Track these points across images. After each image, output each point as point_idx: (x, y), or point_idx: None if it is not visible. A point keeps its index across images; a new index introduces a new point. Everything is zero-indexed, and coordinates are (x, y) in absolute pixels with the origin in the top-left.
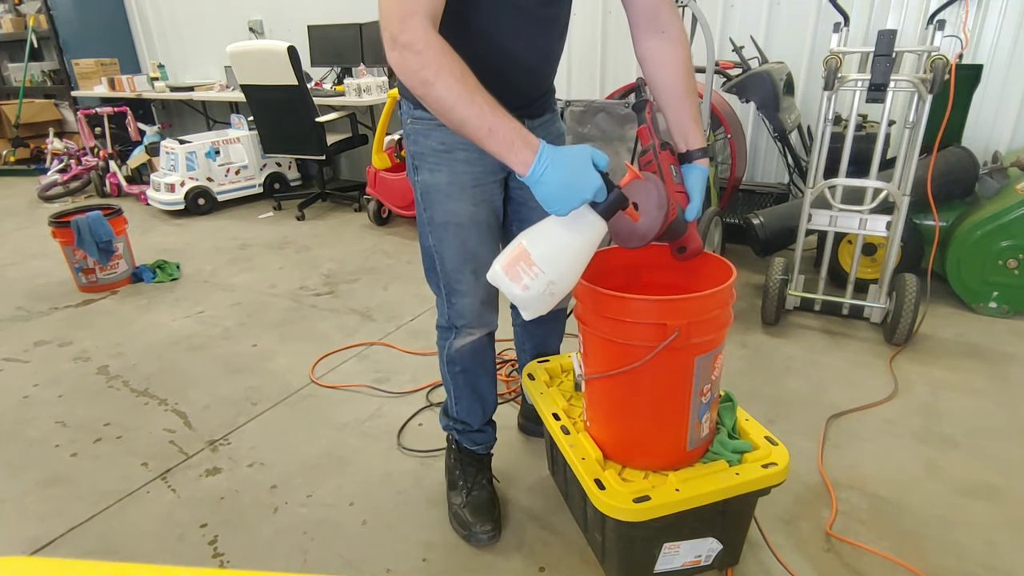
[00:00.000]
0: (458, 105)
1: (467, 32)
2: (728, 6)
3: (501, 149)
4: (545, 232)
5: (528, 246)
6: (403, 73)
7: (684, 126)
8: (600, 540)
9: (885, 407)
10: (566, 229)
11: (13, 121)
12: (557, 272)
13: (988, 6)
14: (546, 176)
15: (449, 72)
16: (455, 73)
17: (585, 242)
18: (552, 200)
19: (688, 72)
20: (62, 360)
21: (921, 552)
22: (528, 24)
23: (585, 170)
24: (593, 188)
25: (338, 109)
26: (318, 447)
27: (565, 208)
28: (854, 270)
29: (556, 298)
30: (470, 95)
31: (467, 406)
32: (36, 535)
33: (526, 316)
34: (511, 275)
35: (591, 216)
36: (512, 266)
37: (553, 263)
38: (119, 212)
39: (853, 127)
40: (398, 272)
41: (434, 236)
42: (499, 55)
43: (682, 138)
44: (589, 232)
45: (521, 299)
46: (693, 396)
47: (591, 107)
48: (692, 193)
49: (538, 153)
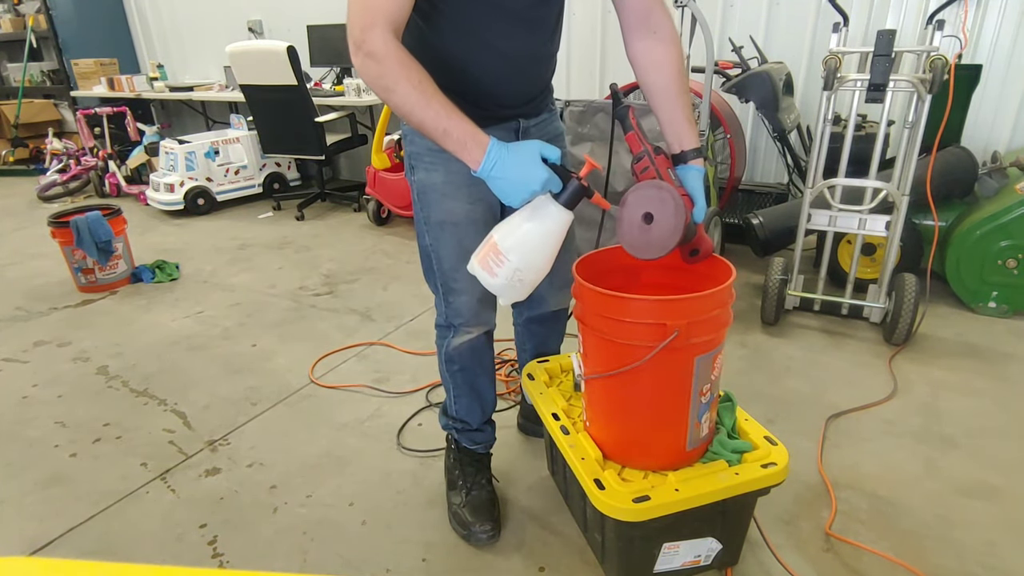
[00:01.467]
0: (415, 110)
1: (458, 36)
2: (728, 6)
3: (455, 148)
4: (512, 225)
5: (498, 239)
6: (365, 78)
7: (678, 127)
8: (600, 540)
9: (885, 407)
10: (529, 220)
11: (12, 121)
12: (523, 260)
13: (987, 6)
14: (495, 171)
15: (407, 80)
16: (412, 80)
17: (547, 231)
18: (504, 193)
19: (681, 72)
20: (62, 360)
21: (921, 552)
22: (518, 26)
23: (531, 164)
24: (540, 180)
25: (337, 109)
26: (318, 447)
27: (517, 200)
28: (853, 270)
29: (526, 284)
30: (426, 101)
31: (466, 405)
32: (36, 535)
33: (502, 302)
34: (484, 266)
35: (552, 207)
36: (485, 258)
37: (518, 251)
38: (118, 212)
39: (852, 127)
40: (398, 272)
41: (431, 235)
42: (491, 58)
43: (676, 139)
44: (550, 222)
45: (493, 286)
46: (693, 396)
47: (591, 107)
48: (694, 195)
49: (487, 151)
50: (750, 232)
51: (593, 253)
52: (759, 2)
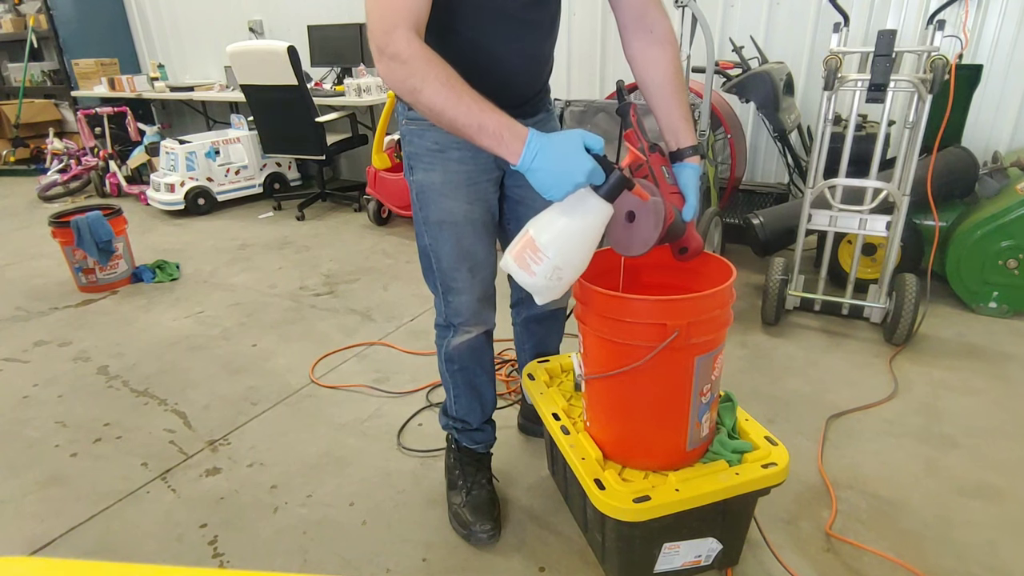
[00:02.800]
0: (447, 108)
1: (453, 38)
2: (728, 6)
3: (492, 143)
4: (550, 219)
5: (534, 234)
6: (391, 82)
7: (674, 124)
8: (600, 540)
9: (885, 407)
10: (569, 215)
11: (13, 121)
12: (562, 257)
13: (988, 6)
14: (536, 163)
15: (435, 78)
16: (441, 78)
17: (588, 226)
18: (546, 186)
19: (677, 71)
20: (62, 360)
21: (921, 552)
22: (514, 27)
23: (575, 154)
24: (585, 171)
25: (338, 109)
26: (318, 447)
27: (559, 193)
28: (854, 270)
29: (564, 283)
30: (457, 97)
31: (466, 404)
32: (36, 535)
33: (539, 301)
34: (520, 263)
35: (592, 200)
36: (520, 254)
37: (557, 248)
38: (119, 212)
39: (853, 127)
40: (398, 272)
41: (430, 235)
42: (487, 59)
43: (672, 137)
44: (592, 217)
45: (531, 285)
46: (693, 396)
47: (591, 107)
48: (687, 192)
49: (527, 142)
50: (750, 232)
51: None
52: (760, 2)
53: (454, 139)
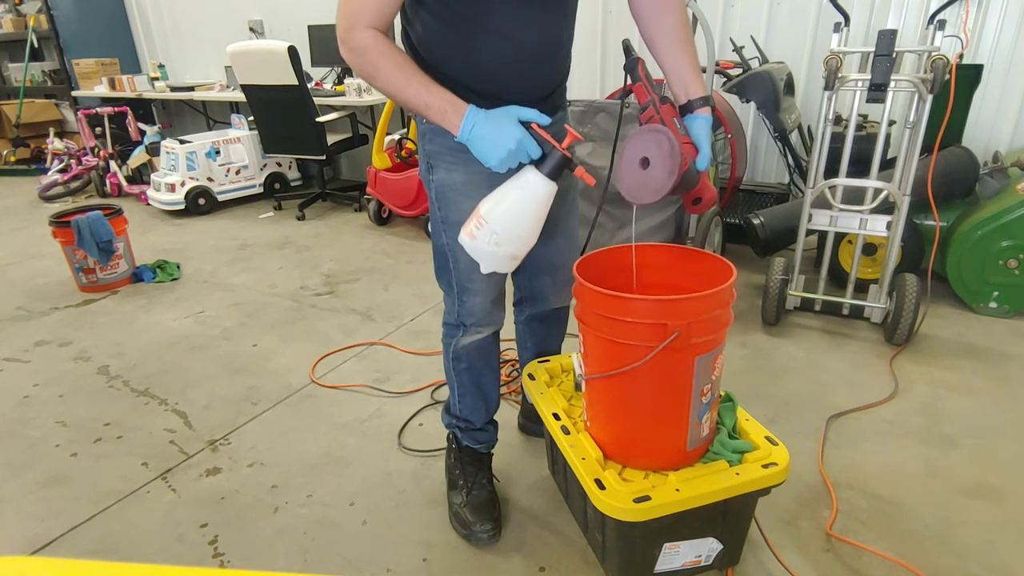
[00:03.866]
0: (399, 90)
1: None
2: (728, 6)
3: (438, 118)
4: (495, 193)
5: (480, 204)
6: (353, 68)
7: (683, 75)
8: (600, 540)
9: (885, 407)
10: (509, 186)
11: (13, 121)
12: (499, 224)
13: (988, 6)
14: (474, 133)
15: (388, 65)
16: (394, 62)
17: (527, 197)
18: (482, 154)
19: (683, 21)
20: (62, 360)
21: (921, 552)
22: (529, 7)
23: (506, 123)
24: (514, 139)
25: (338, 109)
26: (318, 447)
27: (494, 160)
28: (854, 270)
29: (504, 251)
30: (406, 80)
31: (470, 404)
32: (36, 535)
33: (483, 269)
34: (467, 232)
35: (531, 175)
36: (468, 224)
37: (495, 215)
38: (119, 212)
39: (853, 127)
40: (398, 272)
41: (448, 235)
42: (502, 45)
43: (682, 88)
44: (530, 188)
45: (473, 250)
46: (693, 396)
47: (591, 107)
48: (699, 143)
49: (465, 116)
50: (751, 232)
51: (593, 253)
52: (760, 2)
53: None
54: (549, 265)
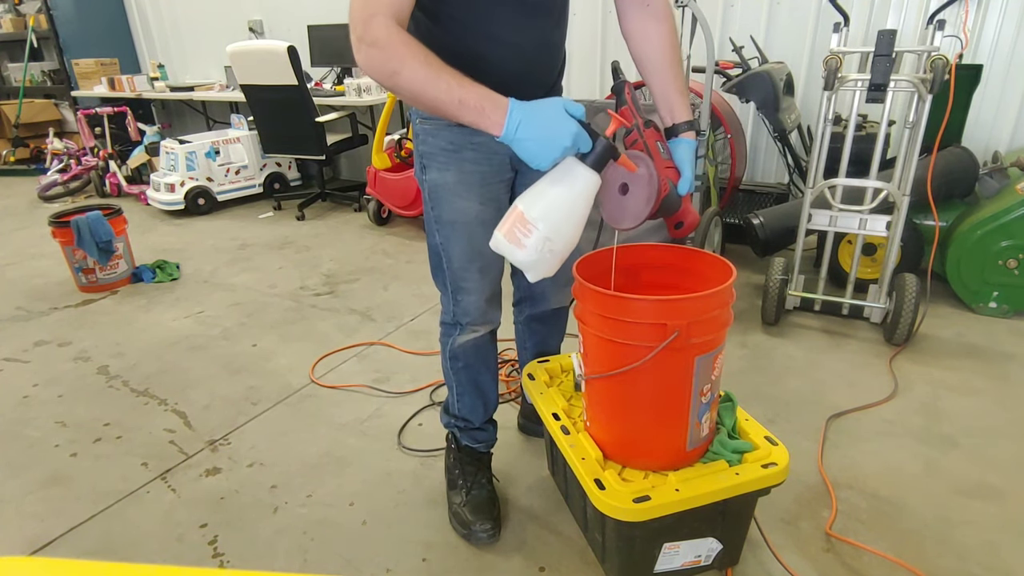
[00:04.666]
0: (427, 86)
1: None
2: (728, 6)
3: (474, 117)
4: (538, 191)
5: (524, 208)
6: (370, 69)
7: (670, 99)
8: (600, 540)
9: (885, 407)
10: (556, 184)
11: (13, 121)
12: (552, 227)
13: (988, 6)
14: (520, 132)
15: (413, 58)
16: (419, 58)
17: (576, 195)
18: (532, 155)
19: (673, 45)
20: (62, 360)
21: (921, 552)
22: (524, 14)
23: (559, 118)
24: (570, 134)
25: (338, 109)
26: (318, 447)
27: (547, 161)
28: (854, 270)
29: (556, 255)
30: (436, 74)
31: (469, 403)
32: (36, 535)
33: (531, 278)
34: (511, 239)
35: (579, 168)
36: (511, 230)
37: (547, 219)
38: (119, 212)
39: (853, 127)
40: (398, 272)
41: (441, 234)
42: (501, 49)
43: (668, 111)
44: (580, 185)
45: (523, 261)
46: (693, 396)
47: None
48: (682, 167)
49: (508, 112)
50: (751, 232)
51: (593, 253)
52: (760, 2)
53: (469, 139)
54: None
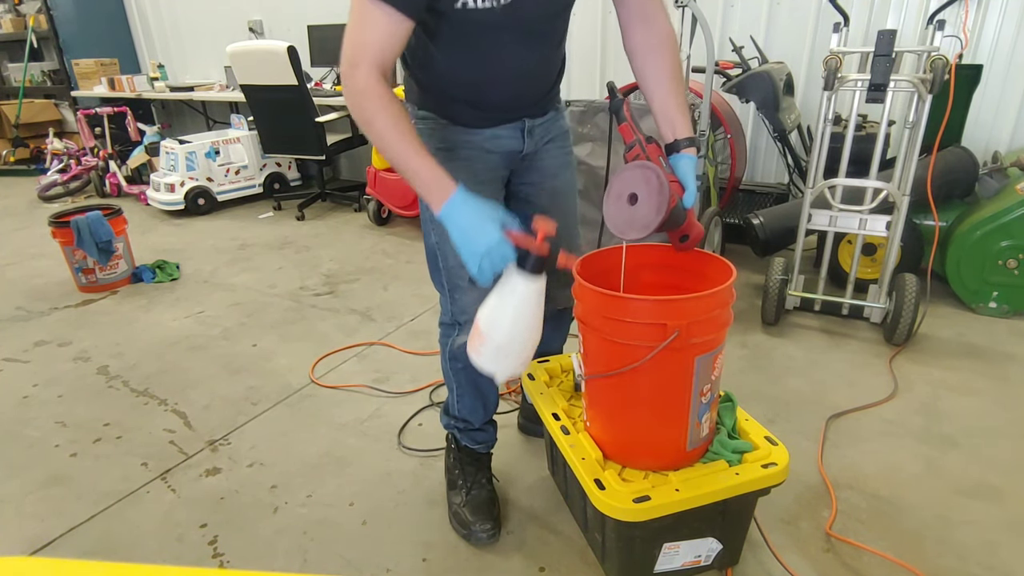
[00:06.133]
0: (390, 147)
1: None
2: (728, 6)
3: (421, 191)
4: (489, 303)
5: (478, 319)
6: (350, 108)
7: (671, 115)
8: (600, 540)
9: (885, 407)
10: (500, 295)
11: (13, 121)
12: (502, 336)
13: (988, 6)
14: (450, 221)
15: (385, 115)
16: (390, 118)
17: (519, 302)
18: (458, 245)
19: (675, 64)
20: (62, 360)
21: (921, 552)
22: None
23: (482, 227)
24: (486, 244)
25: (338, 109)
26: (318, 447)
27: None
28: (854, 270)
29: (516, 357)
30: (399, 137)
31: (469, 404)
32: (36, 535)
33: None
34: (472, 350)
35: (516, 278)
36: (471, 341)
37: (496, 330)
38: (119, 212)
39: (853, 127)
40: (398, 272)
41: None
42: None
43: (669, 127)
44: (519, 292)
45: (484, 369)
46: (693, 396)
47: (591, 107)
48: (685, 181)
49: (448, 201)
50: (750, 232)
51: (593, 253)
52: (760, 2)
53: (463, 139)
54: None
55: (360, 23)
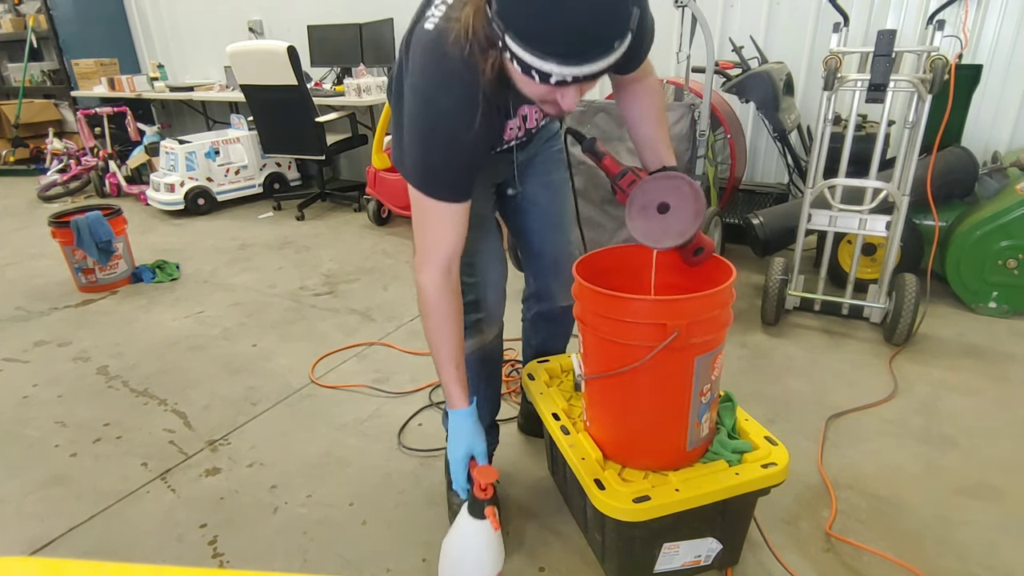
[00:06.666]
0: (432, 342)
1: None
2: (728, 6)
3: (443, 389)
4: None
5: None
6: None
7: (658, 147)
8: (600, 540)
9: (885, 407)
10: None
11: (13, 121)
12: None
13: (988, 6)
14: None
15: (434, 318)
16: (437, 321)
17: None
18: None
19: (661, 109)
20: (62, 360)
21: (921, 552)
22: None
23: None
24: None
25: (338, 109)
26: (318, 447)
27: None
28: (854, 270)
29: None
30: (441, 341)
31: None
32: (36, 535)
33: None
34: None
35: (462, 519)
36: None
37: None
38: (119, 212)
39: (853, 127)
40: (398, 272)
41: None
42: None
43: (655, 158)
44: (461, 527)
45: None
46: (693, 396)
47: (591, 107)
48: None
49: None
50: (750, 232)
51: (593, 253)
52: (760, 2)
53: None
54: (552, 261)
55: (423, 220)
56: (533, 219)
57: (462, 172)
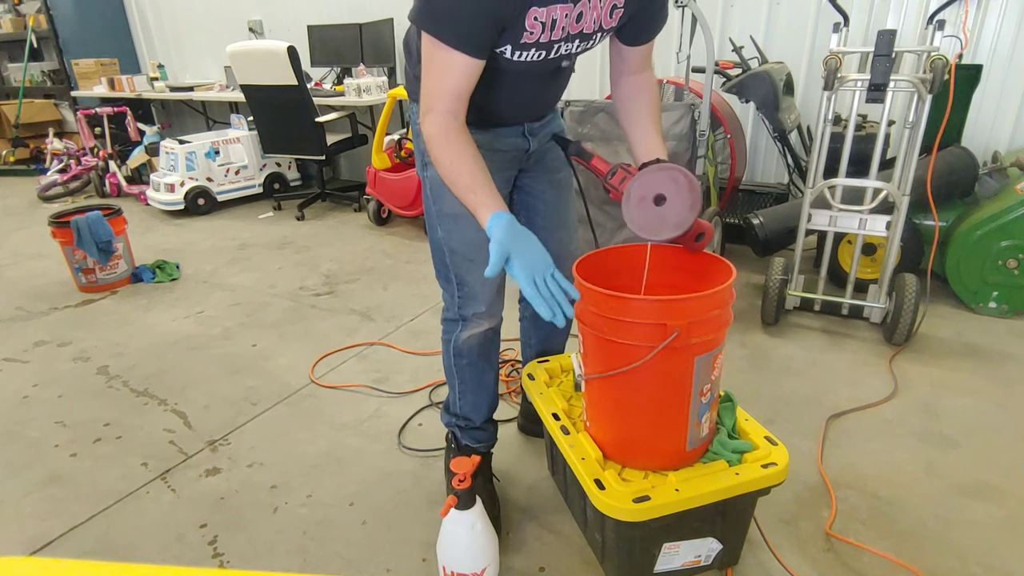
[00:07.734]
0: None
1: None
2: (728, 6)
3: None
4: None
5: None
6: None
7: (649, 143)
8: (600, 540)
9: (885, 407)
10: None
11: (13, 121)
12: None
13: (988, 6)
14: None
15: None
16: (452, 156)
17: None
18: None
19: (656, 107)
20: (62, 360)
21: (921, 552)
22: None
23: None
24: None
25: (338, 109)
26: (318, 447)
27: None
28: (854, 270)
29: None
30: (455, 175)
31: (471, 401)
32: (36, 535)
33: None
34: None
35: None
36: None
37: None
38: (119, 212)
39: (853, 127)
40: (398, 272)
41: (443, 228)
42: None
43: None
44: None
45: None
46: (693, 396)
47: (591, 107)
48: None
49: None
50: (750, 232)
51: (593, 253)
52: (759, 2)
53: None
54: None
55: (432, 69)
56: (539, 216)
57: (476, 21)
